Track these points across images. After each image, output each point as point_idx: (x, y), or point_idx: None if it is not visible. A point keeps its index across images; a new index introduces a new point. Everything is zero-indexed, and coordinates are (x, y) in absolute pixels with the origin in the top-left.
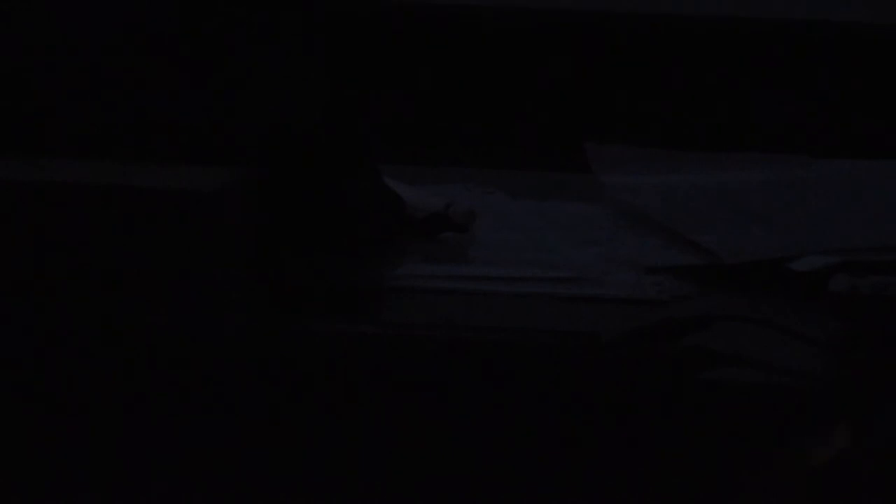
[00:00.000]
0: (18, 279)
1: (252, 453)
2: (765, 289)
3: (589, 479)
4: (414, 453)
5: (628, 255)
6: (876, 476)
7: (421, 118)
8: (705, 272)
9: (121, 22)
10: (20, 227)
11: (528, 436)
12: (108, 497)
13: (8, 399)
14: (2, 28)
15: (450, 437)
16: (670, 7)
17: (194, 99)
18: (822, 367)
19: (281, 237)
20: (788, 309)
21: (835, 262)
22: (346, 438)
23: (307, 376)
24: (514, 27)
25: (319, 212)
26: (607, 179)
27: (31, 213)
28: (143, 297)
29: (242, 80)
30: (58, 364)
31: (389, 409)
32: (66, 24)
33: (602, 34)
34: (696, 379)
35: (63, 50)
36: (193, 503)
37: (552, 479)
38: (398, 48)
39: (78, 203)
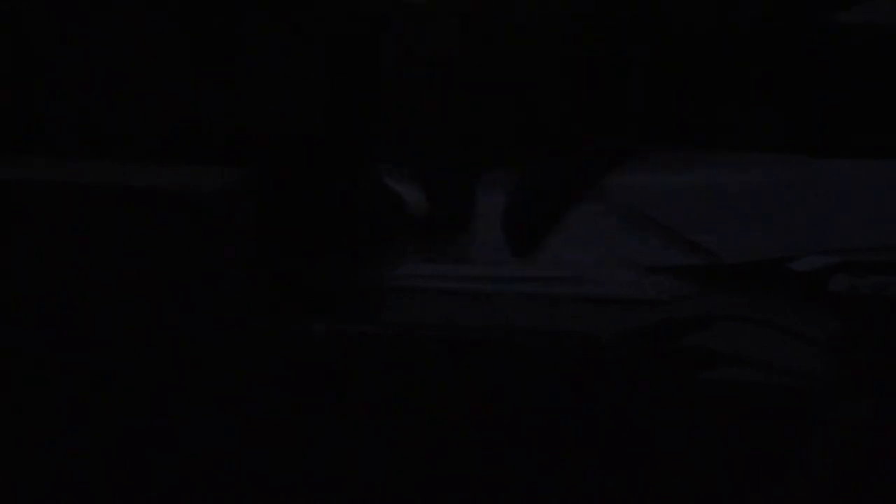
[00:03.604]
0: (18, 279)
1: (252, 453)
2: (765, 289)
3: (589, 479)
4: (414, 453)
5: (628, 255)
6: (875, 475)
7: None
8: (705, 272)
9: (121, 21)
10: (20, 227)
11: (529, 436)
12: (109, 497)
13: (8, 399)
14: (2, 28)
15: (450, 438)
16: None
17: (195, 99)
18: (822, 367)
19: (281, 237)
20: (788, 309)
21: (835, 262)
22: (346, 438)
23: (307, 376)
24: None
25: (320, 212)
26: (608, 179)
27: (31, 213)
28: (144, 297)
29: (243, 80)
30: (57, 364)
31: (389, 409)
32: (65, 24)
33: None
34: (696, 379)
35: (63, 50)
36: (193, 503)
37: (552, 478)
38: (398, 48)
39: (78, 203)
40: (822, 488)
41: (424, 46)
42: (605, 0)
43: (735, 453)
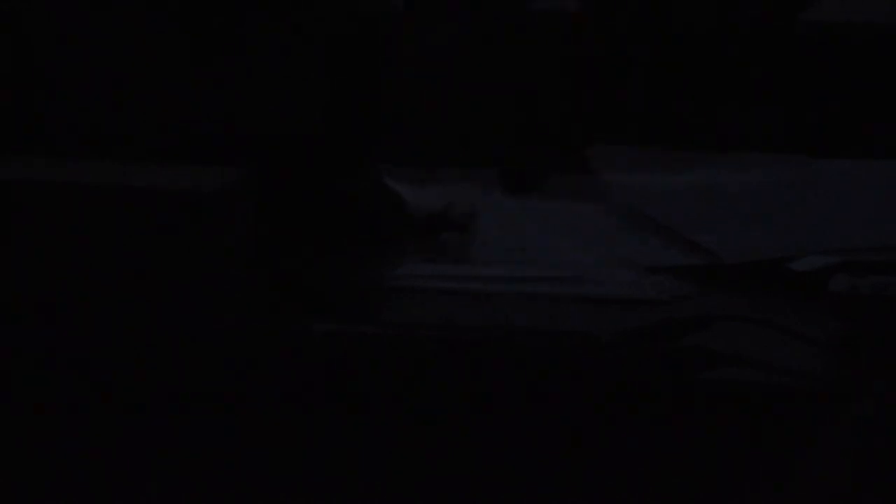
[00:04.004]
0: (18, 279)
1: (252, 453)
2: (765, 289)
3: (589, 479)
4: (414, 453)
5: (628, 255)
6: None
7: (421, 118)
8: (705, 272)
9: (121, 21)
10: (20, 227)
11: (529, 436)
12: (109, 497)
13: (8, 399)
14: (2, 28)
15: (450, 437)
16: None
17: (195, 99)
18: (822, 367)
19: (281, 237)
20: (788, 309)
21: (835, 262)
22: (347, 438)
23: (307, 376)
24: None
25: (320, 212)
26: (607, 179)
27: (31, 213)
28: (144, 297)
29: (243, 80)
30: (58, 364)
31: (389, 409)
32: (66, 24)
33: (603, 34)
34: (696, 379)
35: (63, 50)
36: (193, 503)
37: (552, 478)
38: (398, 48)
39: (78, 203)
40: (822, 488)
41: (425, 46)
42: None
43: (735, 453)
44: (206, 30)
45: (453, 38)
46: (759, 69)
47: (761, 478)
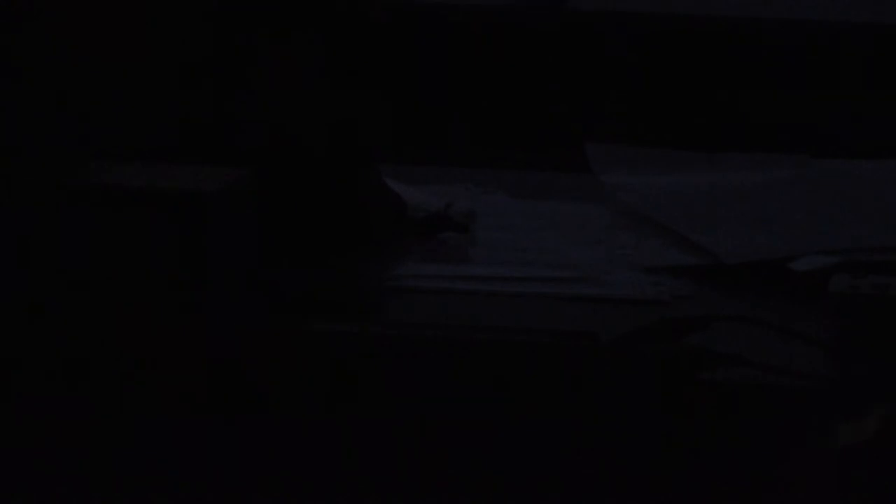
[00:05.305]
0: (18, 279)
1: (253, 453)
2: (765, 289)
3: (589, 479)
4: (414, 453)
5: (628, 255)
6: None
7: (421, 118)
8: (705, 272)
9: (122, 23)
10: (20, 228)
11: (528, 436)
12: (109, 497)
13: (8, 399)
14: (4, 28)
15: (450, 437)
16: (671, 6)
17: (196, 99)
18: (822, 367)
19: (282, 237)
20: (788, 309)
21: (835, 262)
22: (347, 438)
23: (307, 376)
24: (514, 26)
25: (320, 212)
26: (607, 179)
27: (31, 213)
28: (144, 297)
29: (244, 81)
30: (57, 364)
31: (390, 409)
32: (68, 25)
33: (603, 33)
34: (696, 379)
35: (65, 50)
36: (193, 503)
37: (552, 478)
38: (398, 48)
39: (78, 203)
40: (822, 488)
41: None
42: None
43: (735, 453)
44: (207, 31)
45: (452, 38)
46: (758, 69)
47: (761, 478)
